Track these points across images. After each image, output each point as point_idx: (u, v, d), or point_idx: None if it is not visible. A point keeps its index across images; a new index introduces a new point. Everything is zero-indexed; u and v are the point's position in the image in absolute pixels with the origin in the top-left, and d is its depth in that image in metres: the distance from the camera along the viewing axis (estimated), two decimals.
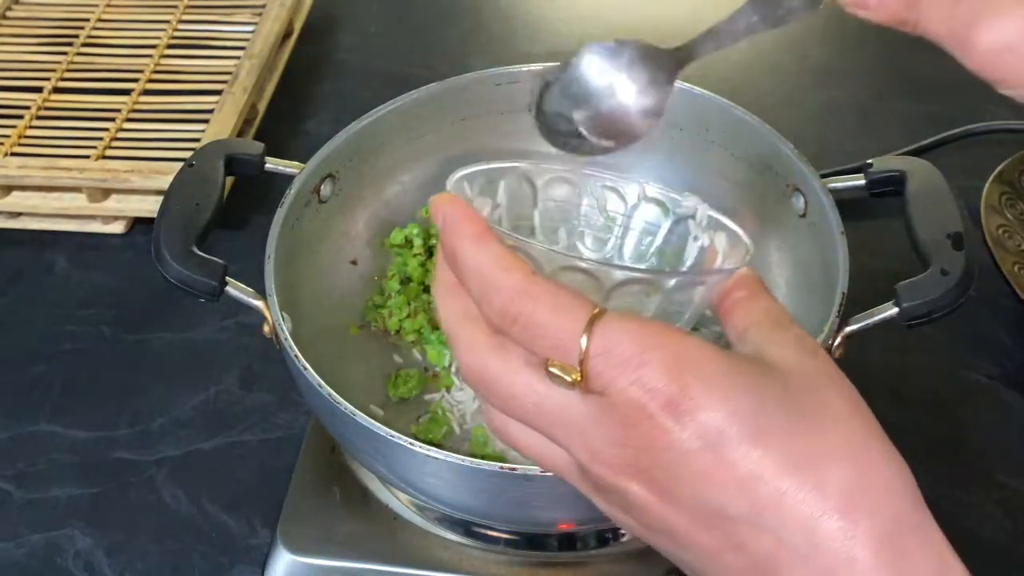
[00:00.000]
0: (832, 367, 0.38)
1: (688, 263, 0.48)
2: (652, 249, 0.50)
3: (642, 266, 0.41)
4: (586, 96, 0.44)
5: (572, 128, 0.45)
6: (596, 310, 0.36)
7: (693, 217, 0.48)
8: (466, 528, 0.62)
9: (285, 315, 0.59)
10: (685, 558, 0.37)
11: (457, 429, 0.65)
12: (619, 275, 0.40)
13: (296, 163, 0.67)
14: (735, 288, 0.41)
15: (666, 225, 0.49)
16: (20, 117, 0.89)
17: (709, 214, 0.47)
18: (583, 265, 0.40)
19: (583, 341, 0.35)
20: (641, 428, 0.35)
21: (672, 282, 0.41)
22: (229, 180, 0.70)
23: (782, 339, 0.39)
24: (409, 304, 0.70)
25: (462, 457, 0.52)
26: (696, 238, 0.48)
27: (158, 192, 0.79)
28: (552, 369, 0.36)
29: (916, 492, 0.35)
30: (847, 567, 0.33)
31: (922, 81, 0.96)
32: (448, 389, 0.67)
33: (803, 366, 0.37)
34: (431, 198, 0.40)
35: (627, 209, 0.51)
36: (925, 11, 0.42)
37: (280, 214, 0.63)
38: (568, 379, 0.36)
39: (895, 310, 0.57)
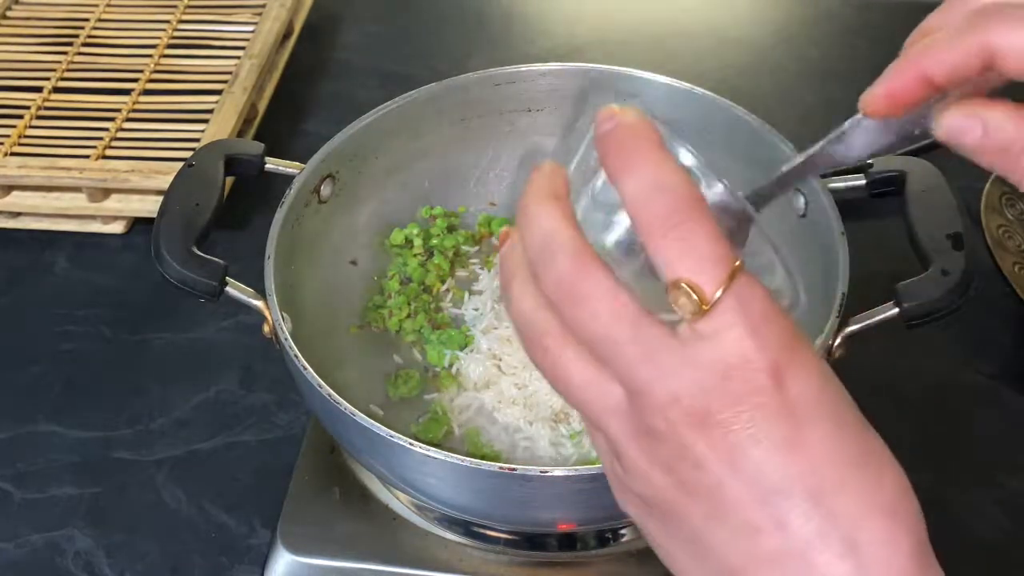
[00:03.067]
0: None
1: None
2: None
3: None
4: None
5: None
6: (738, 262, 0.35)
7: None
8: (466, 528, 0.62)
9: (285, 315, 0.59)
10: (705, 534, 0.36)
11: (457, 429, 0.65)
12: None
13: (296, 163, 0.67)
14: None
15: None
16: (20, 117, 0.89)
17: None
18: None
19: (727, 274, 0.35)
20: (737, 382, 0.34)
21: None
22: (229, 180, 0.70)
23: None
24: (409, 304, 0.70)
25: (462, 457, 0.52)
26: None
27: (158, 192, 0.79)
28: (684, 285, 0.35)
29: None
30: (884, 570, 0.34)
31: None
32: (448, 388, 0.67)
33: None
34: (607, 111, 0.39)
35: None
36: None
37: (280, 214, 0.63)
38: (694, 300, 0.34)
39: (895, 310, 0.57)
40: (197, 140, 0.84)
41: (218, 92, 0.90)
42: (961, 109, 0.40)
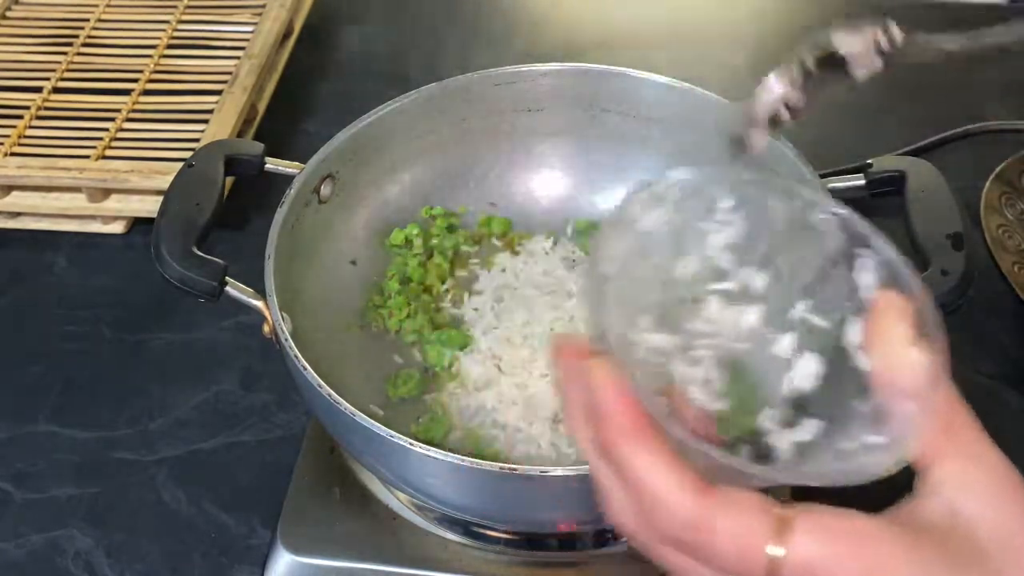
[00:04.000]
0: None
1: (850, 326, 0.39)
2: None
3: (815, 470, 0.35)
4: None
5: None
6: (781, 515, 0.34)
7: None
8: (466, 528, 0.62)
9: (285, 315, 0.59)
10: None
11: (457, 429, 0.65)
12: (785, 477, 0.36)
13: (296, 163, 0.67)
14: None
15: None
16: (20, 117, 0.89)
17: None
18: (754, 472, 0.35)
19: (772, 556, 0.34)
20: None
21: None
22: (229, 180, 0.70)
23: (979, 486, 0.36)
24: (409, 304, 0.70)
25: (462, 457, 0.52)
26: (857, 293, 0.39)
27: (158, 192, 0.79)
28: None
29: None
30: None
31: (922, 81, 0.96)
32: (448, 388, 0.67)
33: (1004, 527, 0.35)
34: (557, 343, 0.37)
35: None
36: None
37: (280, 214, 0.63)
38: None
39: None
40: (197, 140, 0.84)
41: (218, 92, 0.90)
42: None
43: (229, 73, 0.91)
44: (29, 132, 0.88)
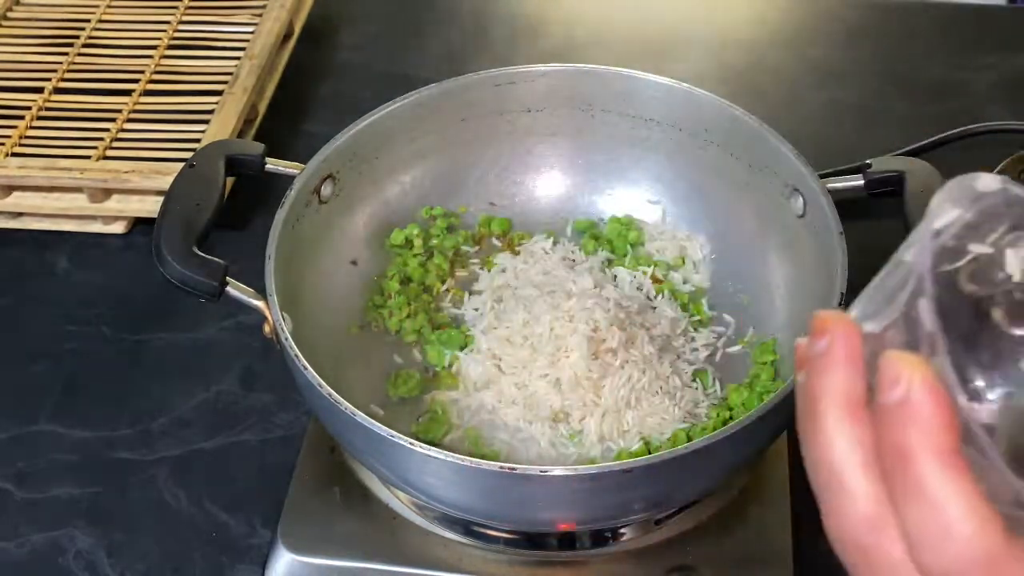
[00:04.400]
0: None
1: None
2: None
3: None
4: None
5: None
6: None
7: None
8: (466, 527, 0.62)
9: (285, 315, 0.59)
10: None
11: (457, 429, 0.65)
12: None
13: (296, 164, 0.67)
14: None
15: None
16: (21, 117, 0.89)
17: None
18: None
19: None
20: None
21: None
22: (230, 180, 0.70)
23: None
24: (409, 304, 0.71)
25: (462, 457, 0.52)
26: None
27: (159, 192, 0.79)
28: None
29: None
30: None
31: (922, 81, 0.96)
32: (448, 389, 0.67)
33: None
34: (827, 316, 0.33)
35: None
36: None
37: (280, 214, 0.63)
38: None
39: None
40: (198, 141, 0.84)
41: (218, 93, 0.90)
42: None
43: (229, 73, 0.91)
44: (30, 132, 0.88)
